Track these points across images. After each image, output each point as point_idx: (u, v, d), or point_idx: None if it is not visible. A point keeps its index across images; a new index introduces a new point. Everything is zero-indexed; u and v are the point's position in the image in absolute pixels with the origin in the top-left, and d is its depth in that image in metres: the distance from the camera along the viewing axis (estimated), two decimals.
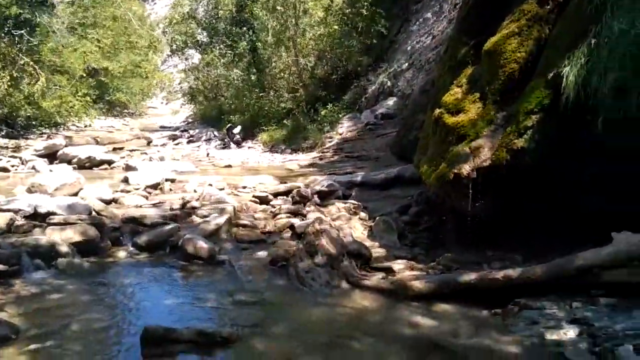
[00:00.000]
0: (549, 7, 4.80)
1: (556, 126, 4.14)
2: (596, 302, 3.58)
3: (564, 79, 3.94)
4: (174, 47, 20.10)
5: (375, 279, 4.67)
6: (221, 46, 16.98)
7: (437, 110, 5.35)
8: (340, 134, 11.70)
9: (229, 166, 11.58)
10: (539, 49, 4.69)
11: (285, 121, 13.29)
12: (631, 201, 4.01)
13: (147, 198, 7.63)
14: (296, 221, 6.24)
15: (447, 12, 10.19)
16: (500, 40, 4.89)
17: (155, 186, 8.35)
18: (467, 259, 4.83)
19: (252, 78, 15.54)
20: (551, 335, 3.37)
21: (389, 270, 4.87)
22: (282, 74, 14.38)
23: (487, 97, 4.83)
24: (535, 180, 4.45)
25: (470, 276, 4.13)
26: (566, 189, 4.46)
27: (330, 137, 11.70)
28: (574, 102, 3.91)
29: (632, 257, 3.47)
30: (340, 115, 11.99)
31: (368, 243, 5.65)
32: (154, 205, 7.13)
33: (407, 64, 10.86)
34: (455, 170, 4.70)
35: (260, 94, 14.59)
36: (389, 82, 11.08)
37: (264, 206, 7.16)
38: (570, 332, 3.32)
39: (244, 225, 6.29)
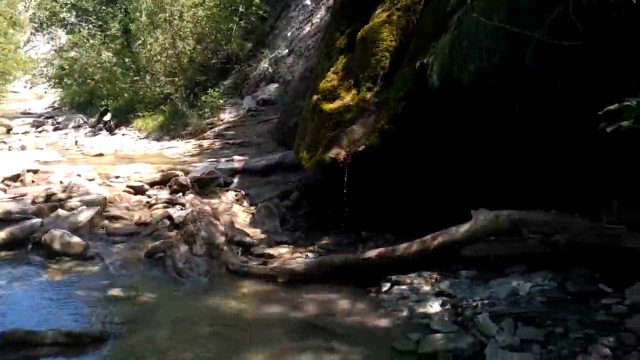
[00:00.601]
0: None
1: (423, 112, 4.39)
2: (458, 276, 3.89)
3: (429, 68, 4.19)
4: (37, 25, 18.25)
5: (256, 265, 4.66)
6: (90, 26, 15.74)
7: (315, 97, 5.43)
8: (222, 120, 11.46)
9: (101, 155, 10.83)
10: (408, 37, 4.94)
11: (162, 107, 12.70)
12: (489, 180, 4.41)
13: (5, 191, 6.89)
14: (174, 211, 6.01)
15: (326, 0, 10.39)
16: (372, 28, 5.07)
17: (14, 178, 7.55)
18: (344, 241, 4.99)
19: (126, 61, 14.63)
20: (419, 308, 3.60)
21: (270, 256, 4.88)
22: (158, 57, 13.70)
23: (361, 84, 4.99)
24: (407, 162, 4.69)
25: (346, 257, 4.27)
26: (433, 170, 4.76)
27: (212, 124, 11.41)
28: (438, 89, 4.17)
29: (487, 233, 3.80)
30: (222, 101, 11.74)
31: (250, 230, 5.62)
32: (14, 198, 6.47)
33: (287, 50, 10.91)
34: (332, 155, 4.82)
35: (135, 78, 13.79)
36: (270, 68, 11.06)
37: (139, 196, 6.80)
38: (435, 305, 3.57)
39: (117, 217, 5.95)
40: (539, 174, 4.36)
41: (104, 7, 15.69)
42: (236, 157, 8.46)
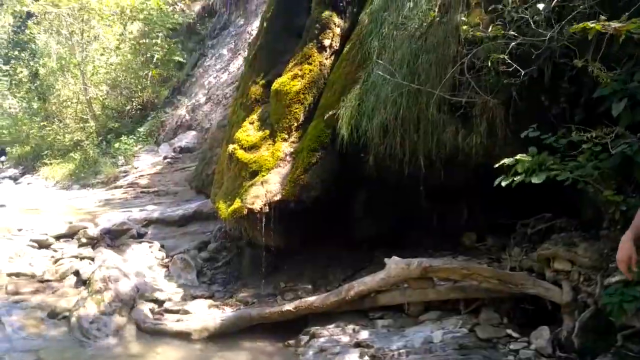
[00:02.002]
0: (327, 52, 5.29)
1: (335, 163, 4.52)
2: (375, 325, 3.93)
3: (340, 120, 4.35)
4: None
5: (170, 322, 4.47)
6: None
7: (231, 146, 5.43)
8: (136, 168, 11.08)
9: (2, 206, 10.07)
10: (320, 90, 5.12)
11: (72, 154, 12.12)
12: (400, 226, 4.58)
13: None
14: (82, 266, 5.67)
15: (242, 49, 10.54)
16: (286, 81, 5.20)
17: None
18: (263, 293, 4.93)
19: (34, 106, 13.92)
20: None
21: (186, 312, 4.71)
22: (69, 103, 13.15)
23: (277, 135, 5.07)
24: (322, 211, 4.77)
25: (264, 310, 4.22)
26: (346, 218, 4.88)
27: (125, 172, 11.01)
28: (349, 141, 4.33)
29: (400, 280, 3.90)
30: (137, 149, 11.40)
31: (165, 284, 5.41)
32: None
33: (205, 98, 10.88)
34: (249, 205, 4.79)
35: (43, 124, 13.11)
36: (187, 115, 10.94)
37: (43, 251, 6.36)
38: (354, 356, 3.57)
39: (17, 274, 5.52)
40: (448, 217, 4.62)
41: (11, 52, 14.95)
42: (150, 207, 8.19)
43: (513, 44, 3.16)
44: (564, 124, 3.09)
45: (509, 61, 3.24)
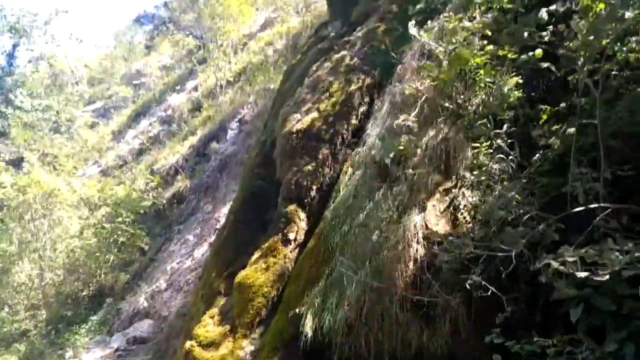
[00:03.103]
0: (291, 245, 5.38)
1: None
2: None
3: (303, 317, 4.24)
4: None
5: None
6: None
7: (188, 343, 5.15)
8: None
9: None
10: (284, 283, 5.08)
11: (17, 345, 11.22)
12: None
13: None
14: None
15: (209, 236, 10.67)
16: (249, 273, 5.19)
17: None
18: None
19: None
20: None
21: None
22: (22, 288, 12.60)
23: (237, 331, 4.88)
24: None
25: None
26: None
27: None
28: (313, 338, 4.17)
29: None
30: (88, 339, 10.68)
31: None
32: None
33: (166, 284, 10.63)
34: None
35: None
36: (145, 302, 10.55)
37: None
38: None
39: None
40: None
41: None
42: None
43: (470, 248, 3.29)
44: (523, 327, 3.08)
45: (466, 262, 3.35)
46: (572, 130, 3.39)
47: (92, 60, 34.20)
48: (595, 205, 3.03)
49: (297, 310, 4.31)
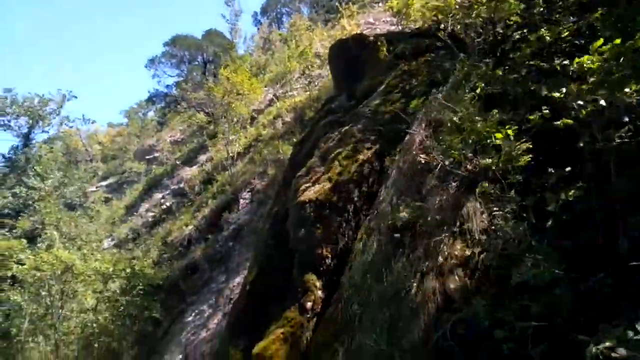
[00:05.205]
0: (308, 315, 5.37)
1: None
2: None
3: None
4: None
5: None
6: None
7: None
8: None
9: None
10: (302, 354, 5.04)
11: None
12: None
13: None
14: None
15: (223, 305, 10.61)
16: (268, 345, 5.16)
17: None
18: None
19: None
20: None
21: None
22: None
23: None
24: None
25: None
26: None
27: None
28: None
29: None
30: None
31: None
32: None
33: (181, 357, 10.48)
34: None
35: None
36: None
37: None
38: None
39: None
40: None
41: None
42: None
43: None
44: None
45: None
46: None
47: (105, 138, 35.37)
48: None
49: None
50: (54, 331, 12.29)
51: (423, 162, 4.76)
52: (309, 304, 5.39)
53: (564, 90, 3.65)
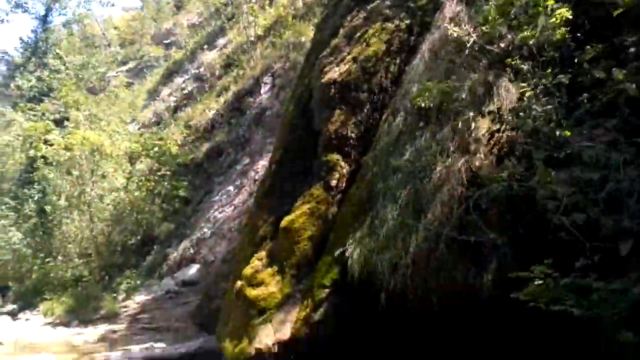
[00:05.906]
0: (333, 192, 5.55)
1: (346, 300, 4.53)
2: None
3: (349, 257, 4.46)
4: None
5: None
6: (2, 207, 15.36)
7: (239, 283, 5.48)
8: (137, 303, 10.93)
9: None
10: (328, 228, 5.29)
11: (74, 289, 12.02)
12: None
13: None
14: None
15: (248, 186, 10.99)
16: (295, 219, 5.41)
17: None
18: None
19: (38, 241, 14.09)
20: None
21: None
22: (73, 238, 13.35)
23: (285, 272, 5.15)
24: (333, 349, 4.67)
25: None
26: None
27: (126, 307, 10.85)
28: (359, 278, 4.39)
29: None
30: (138, 282, 11.35)
31: None
32: None
33: (209, 232, 11.11)
34: (257, 345, 4.73)
35: (47, 260, 13.18)
36: (191, 249, 11.09)
37: None
38: None
39: None
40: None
41: (20, 189, 15.53)
42: (151, 344, 7.97)
43: (515, 186, 3.38)
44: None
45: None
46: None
47: (121, 22, 34.38)
48: None
49: (343, 252, 4.52)
50: (87, 207, 13.02)
51: (454, 38, 4.59)
52: (333, 182, 5.55)
53: None
